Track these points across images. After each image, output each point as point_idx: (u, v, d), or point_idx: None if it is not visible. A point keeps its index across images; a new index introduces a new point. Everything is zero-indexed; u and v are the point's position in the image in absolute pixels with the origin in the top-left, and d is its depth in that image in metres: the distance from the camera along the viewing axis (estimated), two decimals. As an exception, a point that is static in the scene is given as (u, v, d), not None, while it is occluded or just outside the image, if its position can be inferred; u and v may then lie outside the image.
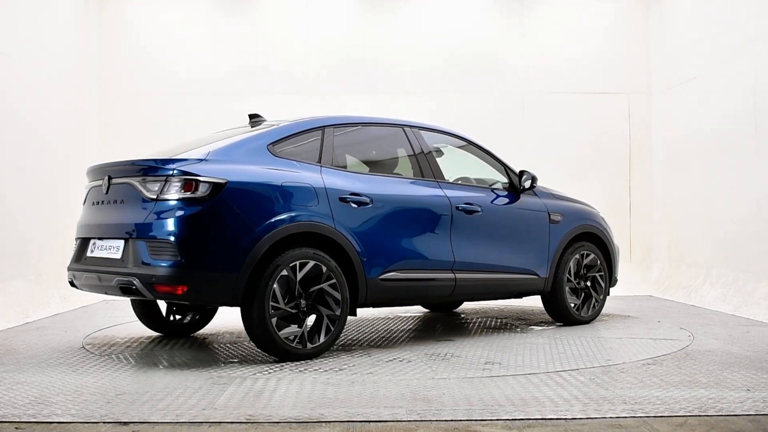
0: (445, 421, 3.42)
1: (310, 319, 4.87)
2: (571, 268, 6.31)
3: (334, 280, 4.85)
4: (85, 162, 8.95)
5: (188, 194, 4.50)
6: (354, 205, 5.03)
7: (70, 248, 5.54)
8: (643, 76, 9.77)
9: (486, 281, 5.79)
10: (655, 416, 3.48)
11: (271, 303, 4.61)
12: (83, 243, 5.17)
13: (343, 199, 4.99)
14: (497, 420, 3.43)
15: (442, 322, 6.70)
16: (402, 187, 5.42)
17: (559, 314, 6.36)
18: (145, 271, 4.50)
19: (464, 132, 6.27)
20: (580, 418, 3.45)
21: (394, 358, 4.93)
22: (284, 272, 4.66)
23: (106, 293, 4.92)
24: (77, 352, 5.23)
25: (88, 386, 4.12)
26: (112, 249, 4.82)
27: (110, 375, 4.43)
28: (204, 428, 3.33)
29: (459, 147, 6.17)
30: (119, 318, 7.00)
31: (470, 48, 9.66)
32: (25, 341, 5.67)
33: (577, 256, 6.35)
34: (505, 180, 6.11)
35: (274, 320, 4.63)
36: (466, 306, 7.76)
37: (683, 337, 5.78)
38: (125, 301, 7.67)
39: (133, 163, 4.83)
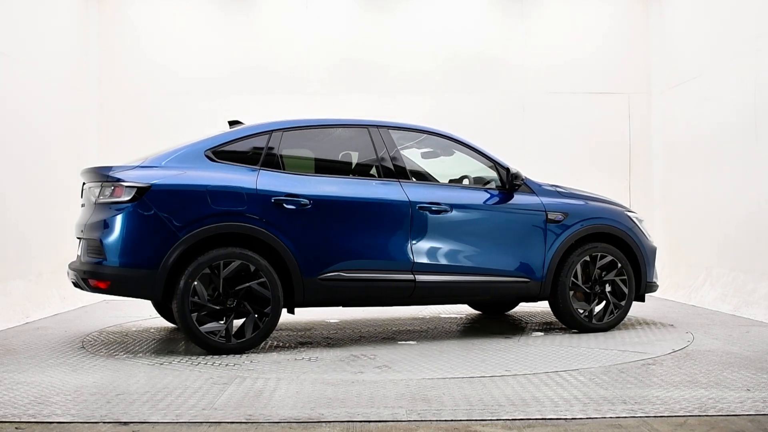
0: (445, 421, 3.42)
1: (244, 319, 5.08)
2: (578, 271, 5.88)
3: (263, 279, 5.01)
4: (84, 162, 8.97)
5: (116, 198, 4.94)
6: (290, 207, 5.14)
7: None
8: (643, 76, 9.77)
9: (458, 284, 5.57)
10: (655, 416, 3.48)
11: (191, 299, 4.89)
12: (78, 242, 5.56)
13: (277, 201, 5.12)
14: (497, 420, 3.43)
15: (445, 324, 6.70)
16: (349, 188, 5.37)
17: (567, 321, 5.94)
18: (83, 268, 5.11)
19: (448, 130, 6.07)
20: (580, 418, 3.45)
21: (312, 357, 4.98)
22: (206, 270, 4.93)
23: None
24: (77, 352, 5.23)
25: (88, 386, 4.12)
26: (80, 248, 5.39)
27: (110, 375, 4.43)
28: (204, 428, 3.33)
29: (444, 146, 6.03)
30: (119, 318, 7.00)
31: (471, 48, 9.66)
32: (25, 341, 5.67)
33: (587, 258, 5.90)
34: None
35: (194, 315, 4.91)
36: (520, 308, 7.53)
37: (683, 337, 5.78)
38: (125, 301, 7.68)
39: (88, 170, 5.32)
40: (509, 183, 5.77)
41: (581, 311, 5.90)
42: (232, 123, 5.88)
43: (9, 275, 7.06)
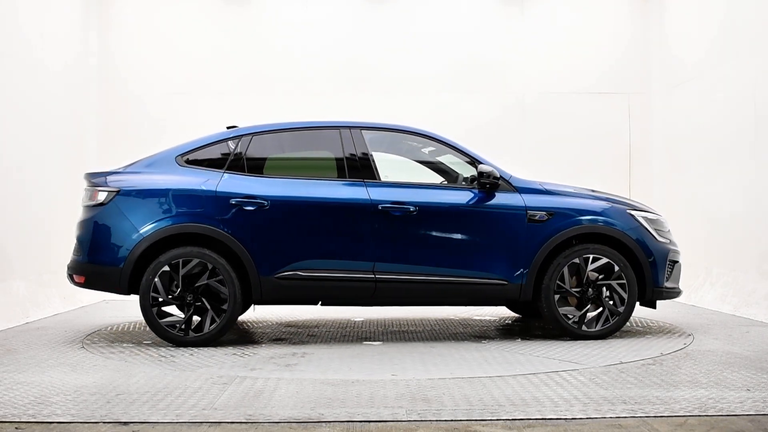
0: (445, 421, 3.42)
1: (207, 314, 5.39)
2: (566, 274, 5.55)
3: (221, 277, 5.30)
4: (84, 164, 8.97)
5: (93, 201, 5.51)
6: (250, 208, 5.38)
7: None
8: (643, 76, 9.76)
9: (423, 285, 5.46)
10: (655, 416, 3.48)
11: (152, 294, 5.29)
12: None
13: (236, 203, 5.39)
14: (497, 420, 3.43)
15: (451, 326, 6.70)
16: (310, 189, 5.49)
17: (555, 326, 5.65)
18: (70, 265, 5.65)
19: (425, 128, 5.98)
20: (580, 418, 3.45)
21: (243, 353, 5.15)
22: (166, 268, 5.29)
23: None
24: (77, 352, 5.23)
25: (88, 386, 4.12)
26: None
27: (110, 375, 4.44)
28: (204, 428, 3.34)
29: (422, 144, 5.97)
30: (119, 318, 7.00)
31: (471, 48, 9.65)
32: (25, 341, 5.68)
33: (577, 260, 5.56)
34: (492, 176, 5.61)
35: (155, 309, 5.32)
36: None
37: (683, 337, 5.78)
38: (125, 301, 7.68)
39: (84, 175, 5.79)
40: (479, 182, 5.56)
41: (570, 317, 5.57)
42: (229, 128, 5.97)
43: (9, 275, 7.06)
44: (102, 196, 5.46)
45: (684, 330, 6.12)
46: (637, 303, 5.77)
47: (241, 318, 6.99)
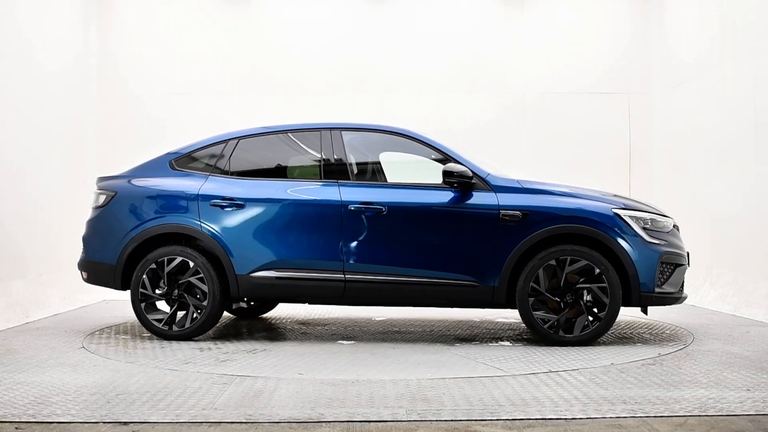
0: (445, 421, 3.43)
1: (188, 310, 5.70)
2: (540, 277, 5.28)
3: (202, 275, 5.59)
4: (84, 163, 8.98)
5: (96, 203, 5.97)
6: (228, 209, 5.63)
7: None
8: (643, 76, 9.76)
9: (392, 285, 5.41)
10: (655, 416, 3.48)
11: (140, 290, 5.65)
12: None
13: (214, 204, 5.64)
14: (497, 420, 3.44)
15: (450, 328, 6.70)
16: (284, 190, 5.64)
17: (531, 331, 5.47)
18: (78, 262, 6.12)
19: (403, 127, 5.89)
20: (580, 418, 3.45)
21: (206, 348, 5.36)
22: (153, 266, 5.63)
23: None
24: (77, 352, 5.23)
25: (88, 386, 4.12)
26: None
27: (110, 375, 4.44)
28: (204, 428, 3.34)
29: (403, 143, 5.84)
30: (119, 318, 7.01)
31: (471, 49, 9.65)
32: (25, 341, 5.68)
33: (553, 262, 5.28)
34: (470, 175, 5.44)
35: (143, 304, 5.67)
36: None
37: (683, 337, 5.78)
38: (125, 301, 7.67)
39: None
40: (445, 181, 5.42)
41: (546, 321, 5.32)
42: None
43: (9, 275, 7.06)
44: (102, 199, 5.90)
45: (684, 330, 6.12)
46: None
47: (266, 315, 7.16)
